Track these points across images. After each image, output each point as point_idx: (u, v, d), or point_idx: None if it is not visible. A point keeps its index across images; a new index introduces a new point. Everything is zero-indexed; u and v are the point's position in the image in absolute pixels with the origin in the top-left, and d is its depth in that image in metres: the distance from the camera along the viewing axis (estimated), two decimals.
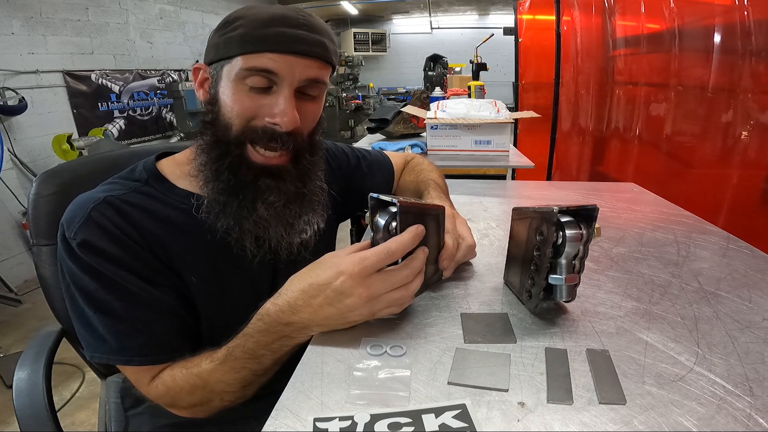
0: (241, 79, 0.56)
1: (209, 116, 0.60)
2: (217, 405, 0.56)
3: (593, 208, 0.49)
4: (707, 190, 1.52)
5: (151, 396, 0.57)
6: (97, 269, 0.54)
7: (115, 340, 0.55)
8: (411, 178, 0.91)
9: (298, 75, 0.56)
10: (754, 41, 1.29)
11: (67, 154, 2.98)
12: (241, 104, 0.57)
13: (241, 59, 0.55)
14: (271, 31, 0.54)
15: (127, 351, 0.55)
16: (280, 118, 0.56)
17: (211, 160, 0.60)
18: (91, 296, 0.54)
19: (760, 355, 0.46)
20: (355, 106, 6.16)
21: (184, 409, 0.57)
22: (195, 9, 4.78)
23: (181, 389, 0.55)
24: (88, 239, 0.54)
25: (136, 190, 0.61)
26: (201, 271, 0.62)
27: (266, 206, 0.60)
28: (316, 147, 0.66)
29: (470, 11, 7.78)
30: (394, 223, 0.51)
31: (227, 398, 0.55)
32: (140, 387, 0.58)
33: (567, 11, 2.50)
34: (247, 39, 0.55)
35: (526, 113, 2.04)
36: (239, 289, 0.65)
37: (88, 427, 1.60)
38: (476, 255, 0.70)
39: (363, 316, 0.49)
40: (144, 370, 0.57)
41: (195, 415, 0.57)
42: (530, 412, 0.39)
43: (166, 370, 0.56)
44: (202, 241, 0.62)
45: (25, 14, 2.94)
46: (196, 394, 0.54)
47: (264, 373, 0.54)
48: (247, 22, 0.55)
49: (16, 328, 2.32)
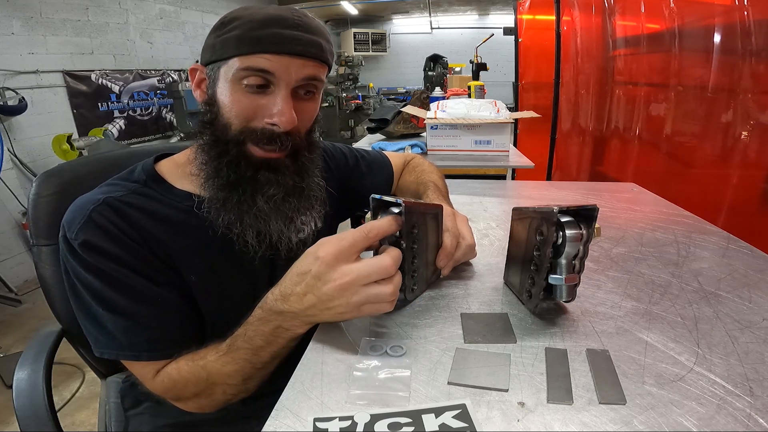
0: (238, 80, 0.57)
1: (208, 116, 0.61)
2: (220, 398, 0.56)
3: (593, 208, 0.49)
4: (707, 190, 1.52)
5: (157, 390, 0.57)
6: (101, 268, 0.55)
7: (124, 336, 0.55)
8: (411, 179, 0.91)
9: (295, 75, 0.57)
10: (754, 41, 1.29)
11: (67, 154, 2.98)
12: (239, 104, 0.58)
13: (237, 60, 0.56)
14: (267, 32, 0.55)
15: (135, 347, 0.56)
16: (278, 118, 0.57)
17: (211, 158, 0.60)
18: (98, 294, 0.55)
19: (760, 355, 0.46)
20: (355, 106, 6.16)
21: (190, 402, 0.57)
22: (195, 9, 4.78)
23: (186, 381, 0.55)
24: (89, 239, 0.55)
25: (135, 191, 0.62)
26: (200, 270, 0.62)
27: (266, 199, 0.61)
28: (314, 145, 0.67)
29: (470, 11, 7.78)
30: None
31: (229, 391, 0.55)
32: (146, 382, 0.58)
33: (567, 11, 2.50)
34: (243, 40, 0.55)
35: (526, 113, 2.04)
36: (238, 287, 0.66)
37: (88, 427, 1.60)
38: (476, 255, 0.70)
39: (344, 308, 0.47)
40: (150, 365, 0.57)
41: (201, 409, 0.58)
42: (530, 412, 0.39)
43: (172, 363, 0.57)
44: (201, 240, 0.62)
45: (25, 14, 2.94)
46: (199, 385, 0.55)
47: (263, 366, 0.54)
48: (242, 23, 0.56)
49: (16, 328, 2.32)
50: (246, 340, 0.52)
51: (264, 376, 0.56)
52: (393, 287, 0.47)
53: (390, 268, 0.47)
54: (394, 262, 0.47)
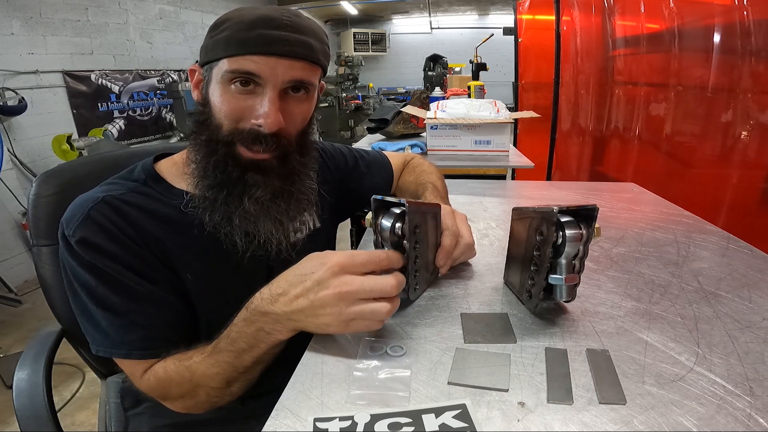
0: (226, 82, 0.57)
1: (202, 117, 0.61)
2: (204, 400, 0.55)
3: (593, 208, 0.49)
4: (707, 190, 1.52)
5: (143, 388, 0.58)
6: (96, 265, 0.55)
7: (116, 334, 0.56)
8: (410, 179, 0.91)
9: (282, 76, 0.57)
10: (754, 41, 1.29)
11: (66, 154, 2.98)
12: (228, 105, 0.58)
13: (226, 62, 0.56)
14: (254, 34, 0.55)
15: (126, 345, 0.56)
16: (264, 120, 0.57)
17: (202, 158, 0.61)
18: (92, 291, 0.55)
19: (760, 355, 0.46)
20: (354, 106, 6.16)
21: (175, 401, 0.57)
22: (195, 9, 4.78)
23: (171, 381, 0.55)
24: (86, 236, 0.55)
25: (134, 190, 0.62)
26: (196, 269, 0.63)
27: (252, 201, 0.61)
28: (307, 147, 0.66)
29: (470, 11, 7.78)
30: (399, 224, 0.51)
31: (213, 394, 0.55)
32: (134, 380, 0.58)
33: (567, 11, 2.50)
34: (231, 42, 0.56)
35: (526, 113, 2.04)
36: (234, 287, 0.66)
37: (88, 427, 1.60)
38: (476, 254, 0.70)
39: (333, 318, 0.46)
40: (140, 363, 0.57)
41: (187, 409, 0.57)
42: (530, 412, 0.39)
43: (160, 362, 0.57)
44: (198, 239, 0.62)
45: (25, 14, 2.94)
46: (184, 386, 0.55)
47: (246, 370, 0.53)
48: (232, 24, 0.56)
49: (16, 328, 2.32)
50: (229, 342, 0.52)
51: (248, 380, 0.55)
52: (390, 307, 0.47)
53: (393, 289, 0.46)
54: (397, 285, 0.47)
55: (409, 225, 0.50)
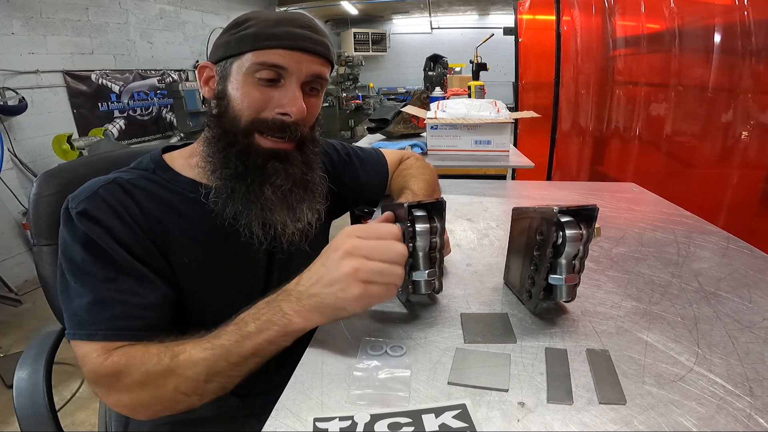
0: (251, 73, 0.60)
1: (217, 110, 0.64)
2: (166, 395, 0.50)
3: (593, 208, 0.49)
4: (707, 190, 1.52)
5: (89, 376, 0.52)
6: (88, 236, 0.55)
7: (86, 313, 0.53)
8: (397, 183, 0.93)
9: (305, 70, 0.61)
10: (754, 41, 1.29)
11: (67, 154, 2.98)
12: (251, 96, 0.61)
13: (252, 55, 0.60)
14: (282, 30, 0.60)
15: (92, 324, 0.52)
16: (290, 108, 0.61)
17: (219, 150, 0.64)
18: (77, 267, 0.55)
19: (760, 355, 0.46)
20: (355, 106, 6.16)
21: (122, 394, 0.51)
22: (195, 9, 4.78)
23: (130, 365, 0.50)
24: (88, 209, 0.57)
25: (143, 176, 0.65)
26: (194, 254, 0.63)
27: (273, 189, 0.64)
28: (316, 140, 0.70)
29: (470, 11, 7.77)
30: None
31: (183, 387, 0.49)
32: (87, 364, 0.52)
33: (567, 11, 2.50)
34: (259, 36, 0.60)
35: (526, 113, 2.04)
36: (234, 275, 0.67)
37: (88, 427, 1.60)
38: (450, 251, 0.73)
39: (349, 280, 0.46)
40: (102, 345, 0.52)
41: (133, 405, 0.52)
42: (530, 412, 0.40)
43: (124, 347, 0.52)
44: (201, 226, 0.64)
45: (25, 14, 2.94)
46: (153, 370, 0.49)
47: (237, 362, 0.49)
48: (258, 22, 0.61)
49: (16, 328, 2.32)
50: (237, 325, 0.50)
51: (231, 379, 0.50)
52: (401, 270, 0.48)
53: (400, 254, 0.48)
54: (404, 251, 0.48)
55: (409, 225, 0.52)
